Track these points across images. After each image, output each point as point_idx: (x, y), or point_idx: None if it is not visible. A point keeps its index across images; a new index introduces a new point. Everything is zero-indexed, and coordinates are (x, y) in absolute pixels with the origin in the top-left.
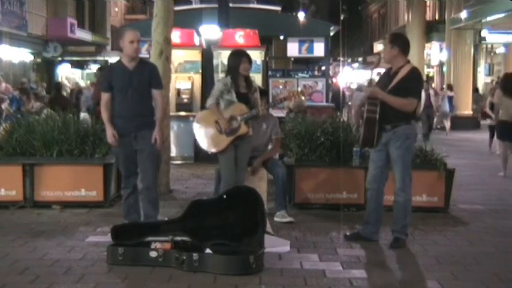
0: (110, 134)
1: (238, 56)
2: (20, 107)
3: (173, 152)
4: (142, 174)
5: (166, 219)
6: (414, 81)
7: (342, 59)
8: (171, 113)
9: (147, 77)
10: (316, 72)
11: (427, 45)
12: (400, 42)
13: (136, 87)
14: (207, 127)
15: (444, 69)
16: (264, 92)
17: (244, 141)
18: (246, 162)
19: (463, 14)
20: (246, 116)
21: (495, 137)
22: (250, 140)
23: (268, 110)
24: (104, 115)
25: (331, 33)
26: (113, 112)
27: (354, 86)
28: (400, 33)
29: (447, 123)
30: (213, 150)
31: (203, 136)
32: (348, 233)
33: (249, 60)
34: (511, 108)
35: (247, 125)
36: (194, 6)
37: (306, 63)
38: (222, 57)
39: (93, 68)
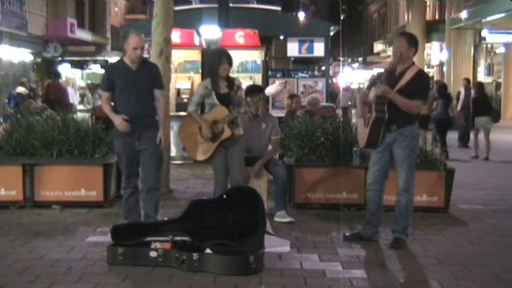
0: (119, 120)
1: (218, 56)
2: (19, 103)
3: (173, 152)
4: (145, 175)
5: (166, 219)
6: (421, 84)
7: (342, 59)
8: (171, 113)
9: (150, 78)
10: (316, 72)
11: (427, 45)
12: (417, 44)
13: (140, 88)
14: (191, 136)
15: (444, 69)
16: (260, 90)
17: (235, 142)
18: (241, 161)
19: (463, 14)
20: (227, 119)
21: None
22: (240, 140)
23: (268, 109)
24: (107, 109)
25: (331, 33)
26: (116, 112)
27: (353, 86)
28: (413, 34)
29: None
30: (201, 158)
31: (190, 145)
32: (347, 234)
33: (229, 60)
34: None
35: (231, 127)
36: (194, 6)
37: (306, 63)
38: None
39: (93, 68)
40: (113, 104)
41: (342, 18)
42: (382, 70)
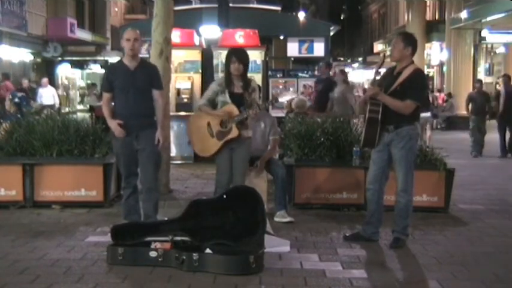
0: (115, 125)
1: (229, 55)
2: (21, 103)
3: (173, 152)
4: (143, 175)
5: (166, 219)
6: (416, 84)
7: (342, 58)
8: (171, 113)
9: (149, 78)
10: (316, 72)
11: (427, 45)
12: (413, 43)
13: (138, 87)
14: (199, 130)
15: (444, 69)
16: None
17: (241, 144)
18: (244, 166)
19: (463, 14)
20: (236, 118)
21: None
22: (247, 143)
23: (266, 109)
24: (106, 112)
25: (331, 33)
26: (115, 112)
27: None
28: (411, 33)
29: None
30: (204, 154)
31: (196, 139)
32: (347, 234)
33: (240, 59)
34: None
35: (239, 127)
36: (194, 6)
37: (306, 63)
38: (222, 57)
39: (93, 68)
40: (113, 104)
41: (342, 18)
42: (382, 70)
